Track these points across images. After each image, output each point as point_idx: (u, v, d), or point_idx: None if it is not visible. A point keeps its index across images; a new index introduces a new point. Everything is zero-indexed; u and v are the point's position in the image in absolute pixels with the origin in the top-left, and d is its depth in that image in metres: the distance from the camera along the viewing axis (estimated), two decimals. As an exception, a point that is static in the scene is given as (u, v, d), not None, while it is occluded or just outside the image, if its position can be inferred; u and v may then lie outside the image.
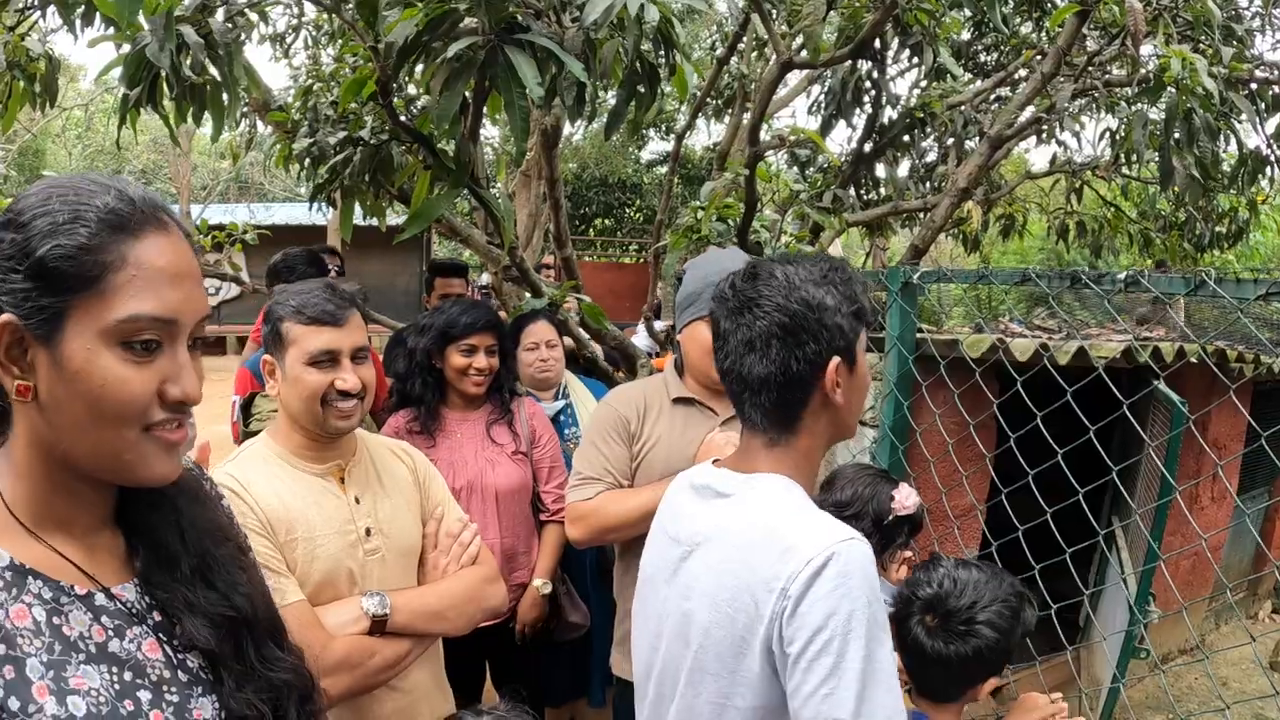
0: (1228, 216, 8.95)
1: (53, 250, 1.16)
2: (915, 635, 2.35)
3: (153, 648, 1.30)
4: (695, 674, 1.76)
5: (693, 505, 1.91)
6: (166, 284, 1.23)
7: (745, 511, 1.76)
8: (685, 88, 3.89)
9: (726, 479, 1.85)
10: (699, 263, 3.14)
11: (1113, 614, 4.81)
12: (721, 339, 1.84)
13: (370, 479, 2.54)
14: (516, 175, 11.14)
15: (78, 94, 25.64)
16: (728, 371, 1.84)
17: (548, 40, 3.31)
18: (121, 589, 1.32)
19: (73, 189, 1.22)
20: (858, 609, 1.55)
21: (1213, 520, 6.80)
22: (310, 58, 8.87)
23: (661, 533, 2.00)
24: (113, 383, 1.19)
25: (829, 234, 6.13)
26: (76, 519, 1.30)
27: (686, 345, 3.03)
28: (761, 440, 1.84)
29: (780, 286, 1.77)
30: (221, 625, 1.37)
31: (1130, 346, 4.74)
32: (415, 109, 4.73)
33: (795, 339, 1.75)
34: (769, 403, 1.80)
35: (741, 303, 1.79)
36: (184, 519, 1.42)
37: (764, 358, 1.76)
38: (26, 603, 1.19)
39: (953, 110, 6.86)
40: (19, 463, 1.26)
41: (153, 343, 1.22)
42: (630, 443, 3.04)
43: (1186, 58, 4.70)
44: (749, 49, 9.13)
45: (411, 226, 4.15)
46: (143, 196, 1.26)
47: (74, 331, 1.18)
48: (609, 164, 21.79)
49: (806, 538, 1.62)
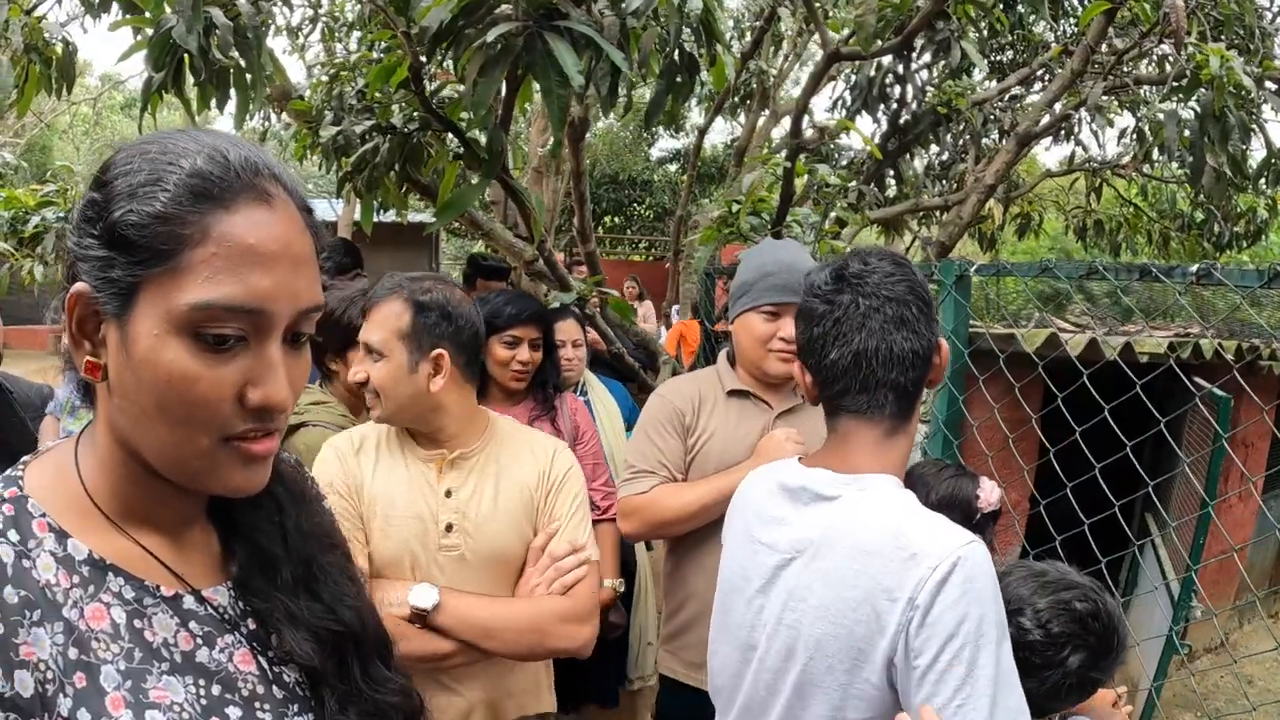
0: (1245, 216, 8.91)
1: (125, 215, 0.99)
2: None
3: (245, 659, 1.15)
4: (803, 688, 1.68)
5: (787, 509, 1.80)
6: (256, 266, 1.02)
7: (858, 516, 1.67)
8: (723, 79, 3.82)
9: (828, 480, 1.74)
10: (752, 254, 3.08)
11: (1149, 611, 4.76)
12: (846, 321, 1.73)
13: (475, 475, 2.46)
14: (528, 171, 11.07)
15: (85, 89, 25.63)
16: (861, 355, 1.71)
17: (587, 27, 3.25)
18: (213, 592, 1.16)
19: (163, 146, 1.04)
20: (987, 614, 1.51)
21: (1239, 519, 6.75)
22: (326, 50, 8.83)
23: (747, 538, 1.89)
24: (179, 379, 1.01)
25: (850, 230, 6.08)
26: (163, 513, 1.14)
27: (739, 336, 2.97)
28: (876, 432, 1.74)
29: (909, 271, 1.76)
30: (326, 640, 1.22)
31: (1172, 342, 4.69)
32: (441, 98, 4.67)
33: (929, 318, 1.75)
34: (909, 380, 1.72)
35: (878, 282, 1.72)
36: (288, 520, 1.26)
37: (914, 331, 1.71)
38: (105, 602, 1.04)
39: (975, 107, 6.82)
40: (100, 448, 1.11)
41: (230, 337, 1.02)
42: (685, 435, 2.98)
43: (1225, 56, 4.65)
44: (767, 45, 9.08)
45: (442, 217, 4.09)
46: (244, 158, 1.05)
47: (143, 312, 1.01)
48: (619, 160, 21.73)
49: (930, 543, 1.56)
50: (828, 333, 1.74)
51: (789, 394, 3.01)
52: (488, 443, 2.50)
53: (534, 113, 9.32)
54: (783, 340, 2.84)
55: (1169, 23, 4.62)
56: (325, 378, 3.25)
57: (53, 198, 6.30)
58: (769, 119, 9.27)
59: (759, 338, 2.87)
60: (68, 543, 1.05)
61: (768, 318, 2.87)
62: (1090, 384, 3.06)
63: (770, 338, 2.86)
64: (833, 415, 1.80)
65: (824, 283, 1.77)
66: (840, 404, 1.77)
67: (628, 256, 23.30)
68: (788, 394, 3.00)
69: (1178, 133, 5.30)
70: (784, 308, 2.84)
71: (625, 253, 23.68)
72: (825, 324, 1.75)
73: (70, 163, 21.41)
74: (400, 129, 4.29)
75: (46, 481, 1.10)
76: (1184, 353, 4.51)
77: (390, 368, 2.36)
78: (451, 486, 2.41)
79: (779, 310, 2.85)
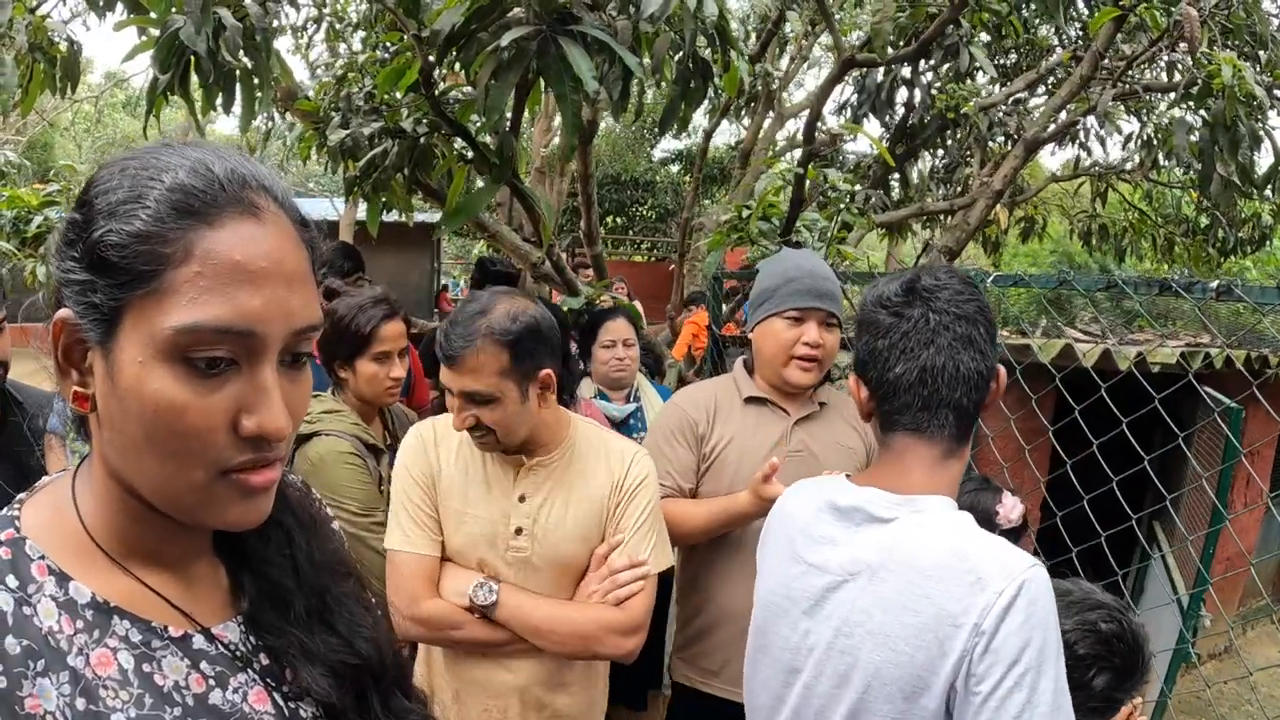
0: (1250, 222, 8.91)
1: (105, 236, 0.92)
2: None
3: (260, 698, 1.09)
4: (859, 714, 1.65)
5: (838, 530, 1.75)
6: (244, 285, 0.95)
7: (917, 539, 1.63)
8: (735, 84, 3.80)
9: (882, 501, 1.70)
10: (773, 261, 3.06)
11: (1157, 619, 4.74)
12: (915, 334, 1.69)
13: (550, 483, 2.49)
14: (531, 171, 11.07)
15: (88, 87, 25.58)
16: (929, 371, 1.67)
17: (602, 32, 3.23)
18: (223, 629, 1.11)
19: (142, 162, 0.97)
20: (1049, 639, 1.49)
21: (1244, 525, 6.75)
22: (330, 50, 8.82)
23: (793, 559, 1.82)
24: (166, 408, 0.94)
25: (855, 234, 6.06)
26: (166, 549, 1.08)
27: (761, 343, 2.95)
28: (934, 453, 1.70)
29: (979, 294, 1.73)
30: (344, 675, 1.16)
31: (1184, 353, 4.68)
32: (449, 101, 4.65)
33: (993, 340, 1.72)
34: (972, 402, 1.70)
35: (950, 299, 1.69)
36: (299, 551, 1.20)
37: (981, 352, 1.68)
38: (111, 647, 0.99)
39: (982, 112, 6.80)
40: (96, 484, 1.05)
41: (221, 361, 0.95)
42: (698, 445, 2.96)
43: (1237, 65, 4.63)
44: (773, 48, 9.07)
45: (452, 221, 4.07)
46: (230, 170, 0.98)
47: (127, 338, 0.94)
48: (621, 161, 21.72)
49: (994, 567, 1.53)
50: (894, 345, 1.71)
51: (806, 401, 2.99)
52: (567, 450, 2.53)
53: (537, 112, 9.30)
54: (806, 345, 2.83)
55: (1182, 31, 4.61)
56: (337, 386, 3.23)
57: (55, 197, 6.27)
58: (774, 121, 9.26)
59: (783, 344, 2.85)
60: (69, 586, 1.00)
61: (791, 323, 2.85)
62: (1102, 395, 3.04)
63: (794, 343, 2.84)
64: (888, 431, 1.76)
65: (894, 294, 1.73)
66: (898, 420, 1.73)
67: (629, 257, 23.28)
68: (805, 401, 2.99)
69: (1187, 140, 5.28)
70: (808, 313, 2.84)
71: (627, 253, 23.66)
72: (892, 336, 1.71)
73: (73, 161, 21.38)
74: (410, 132, 4.27)
75: (44, 520, 1.04)
76: (1197, 364, 4.50)
77: (505, 407, 2.35)
78: (526, 492, 2.46)
79: (803, 315, 2.84)
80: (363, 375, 3.12)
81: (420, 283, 19.89)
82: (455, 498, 2.44)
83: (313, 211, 6.53)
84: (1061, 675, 1.51)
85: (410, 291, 18.95)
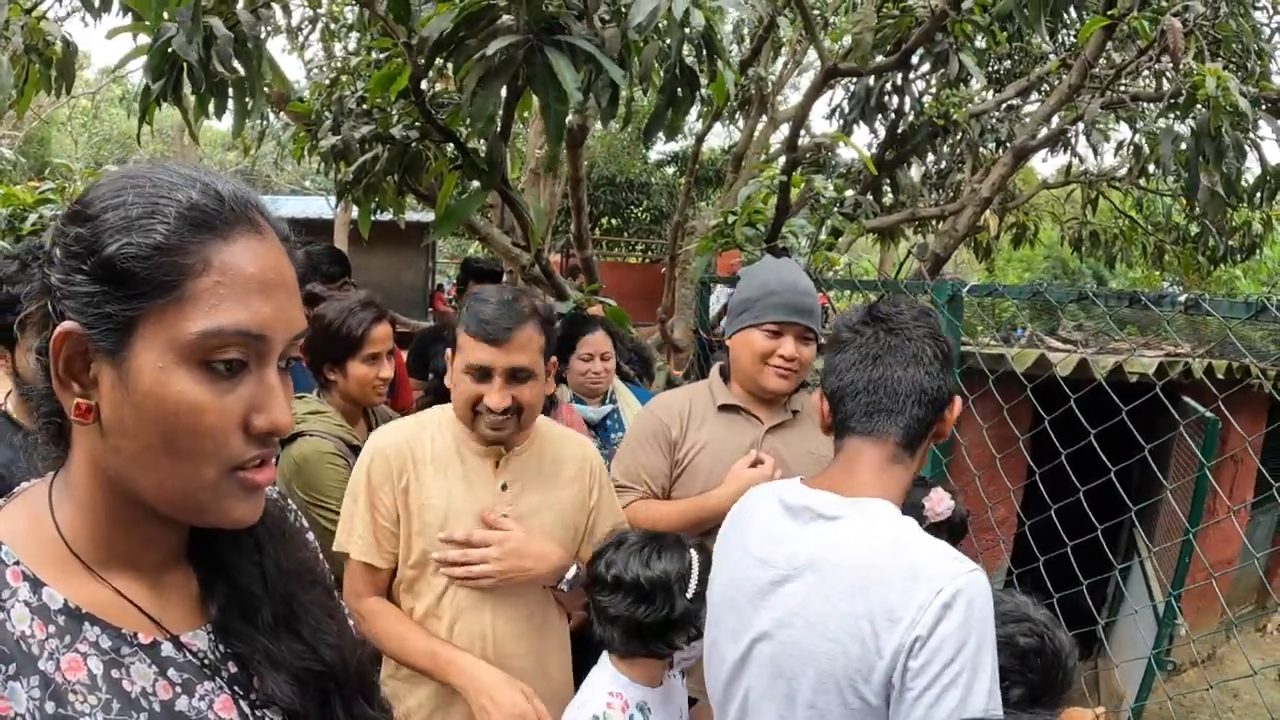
0: (1240, 231, 8.94)
1: (124, 249, 0.98)
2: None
3: (226, 706, 1.13)
4: (790, 703, 1.72)
5: (787, 526, 1.84)
6: (257, 293, 1.03)
7: (859, 537, 1.71)
8: (723, 93, 3.83)
9: (829, 501, 1.78)
10: (754, 271, 3.10)
11: (1134, 628, 4.78)
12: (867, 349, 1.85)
13: (529, 470, 2.59)
14: (526, 173, 11.08)
15: (85, 83, 25.51)
16: (878, 381, 1.82)
17: (588, 42, 3.27)
18: (192, 636, 1.14)
19: (150, 180, 1.03)
20: (985, 641, 1.55)
21: (1227, 534, 6.78)
22: (325, 51, 8.84)
23: (744, 553, 1.91)
24: (187, 409, 1.00)
25: (846, 239, 6.10)
26: (144, 556, 1.13)
27: (738, 351, 2.99)
28: (882, 455, 1.81)
29: (933, 323, 1.90)
30: (308, 681, 1.19)
31: (1163, 362, 4.72)
32: (440, 106, 4.68)
33: (946, 368, 1.84)
34: (916, 415, 1.80)
35: (904, 322, 1.86)
36: (267, 559, 1.23)
37: (927, 372, 1.80)
38: (82, 652, 1.02)
39: (972, 119, 6.84)
40: (78, 491, 1.08)
41: (237, 363, 1.02)
42: (670, 451, 3.01)
43: (1220, 77, 4.67)
44: (766, 52, 9.09)
45: (442, 227, 4.11)
46: (234, 193, 1.06)
47: (145, 345, 0.99)
48: (617, 163, 21.70)
49: (932, 568, 1.60)
50: (848, 357, 1.86)
51: (780, 410, 3.03)
52: (535, 439, 2.63)
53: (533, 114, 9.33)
54: (782, 358, 2.87)
55: (1166, 41, 4.65)
56: (323, 387, 3.28)
57: (50, 194, 6.29)
58: (767, 125, 9.29)
59: (759, 353, 2.89)
60: (43, 592, 1.03)
61: (769, 335, 2.89)
62: (1082, 403, 3.08)
63: (770, 354, 2.89)
64: (841, 437, 1.87)
65: (856, 317, 1.91)
66: (849, 425, 1.84)
67: (624, 259, 23.27)
68: (779, 410, 3.03)
69: (1173, 150, 5.32)
70: (786, 326, 2.88)
71: (621, 255, 23.65)
72: (848, 351, 1.87)
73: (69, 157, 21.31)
74: (400, 138, 4.30)
75: (19, 527, 1.08)
76: (1174, 373, 4.53)
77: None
78: (507, 480, 2.55)
79: (781, 329, 2.88)
80: (353, 376, 3.19)
81: (415, 282, 19.83)
82: (440, 498, 2.48)
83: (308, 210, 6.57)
84: (995, 677, 1.57)
85: (404, 291, 18.90)
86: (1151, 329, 7.42)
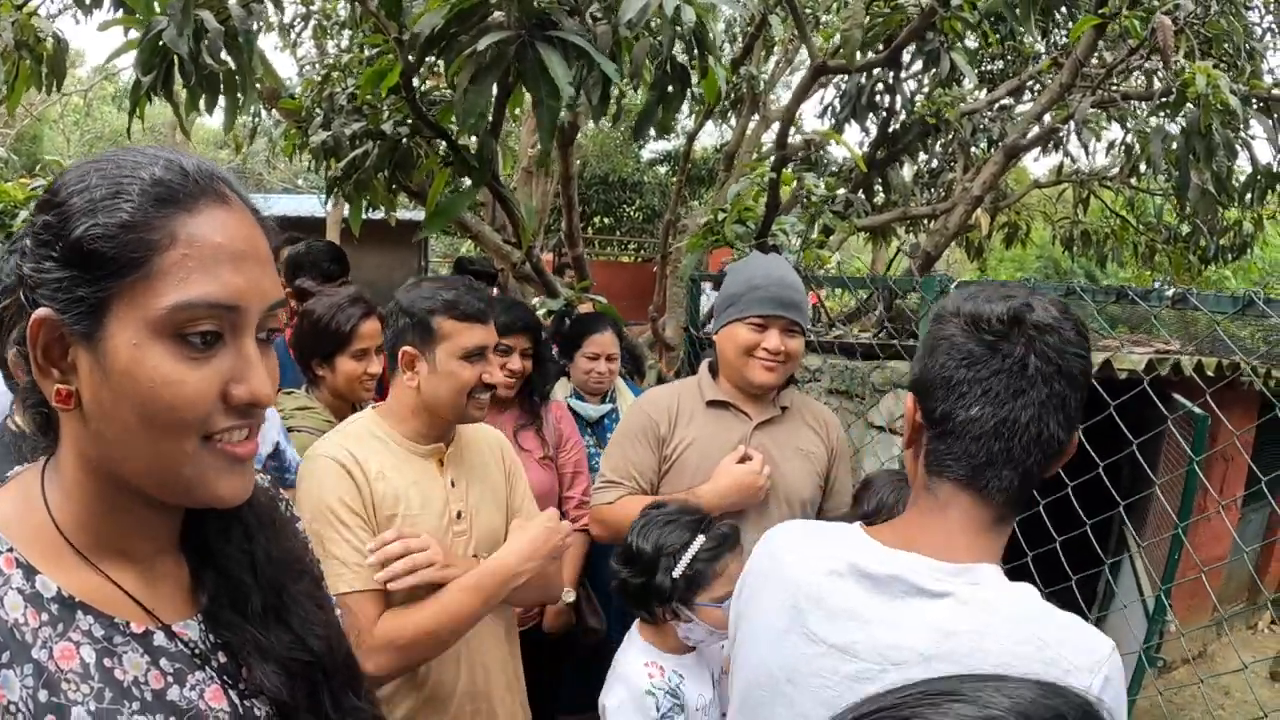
0: (1232, 230, 8.95)
1: (90, 230, 0.98)
2: None
3: (216, 696, 1.12)
4: None
5: (867, 603, 1.44)
6: (226, 264, 1.03)
7: (981, 622, 1.35)
8: (714, 91, 3.83)
9: (927, 570, 1.41)
10: (740, 266, 3.10)
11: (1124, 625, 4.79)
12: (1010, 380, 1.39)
13: (464, 465, 2.60)
14: (518, 171, 11.08)
15: (77, 81, 25.46)
16: (1010, 424, 1.39)
17: (580, 38, 3.26)
18: (183, 626, 1.14)
19: (115, 162, 1.04)
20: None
21: (1217, 532, 6.79)
22: (317, 47, 8.84)
23: (803, 635, 1.49)
24: (163, 383, 1.00)
25: (837, 237, 6.10)
26: (136, 544, 1.12)
27: (724, 346, 2.99)
28: (987, 516, 1.44)
29: (1087, 339, 1.43)
30: (296, 672, 1.20)
31: (1152, 359, 4.73)
32: (433, 101, 4.67)
33: (1081, 404, 1.43)
34: (1042, 470, 1.43)
35: (1061, 342, 1.39)
36: (257, 548, 1.23)
37: (1068, 419, 1.41)
38: (74, 641, 1.02)
39: (964, 117, 6.85)
40: (67, 479, 1.08)
41: (211, 335, 1.02)
42: (659, 447, 3.01)
43: (1211, 75, 4.68)
44: (758, 51, 9.09)
45: (432, 224, 4.10)
46: (197, 166, 1.06)
47: (118, 325, 0.99)
48: (609, 162, 21.72)
49: (1079, 656, 1.31)
50: (978, 381, 1.40)
51: (768, 405, 3.03)
52: (457, 434, 2.63)
53: (525, 113, 9.34)
54: (767, 351, 2.87)
55: (1157, 40, 4.66)
56: (312, 383, 3.28)
57: (41, 192, 6.29)
58: (759, 124, 9.29)
59: (743, 346, 2.89)
60: (36, 579, 1.03)
61: (754, 329, 2.89)
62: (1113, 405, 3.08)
63: (755, 347, 2.89)
64: (935, 475, 1.47)
65: (995, 319, 1.41)
66: (952, 467, 1.44)
67: (616, 258, 23.25)
68: (767, 405, 3.03)
69: (1164, 148, 5.33)
70: (771, 320, 2.88)
71: (614, 254, 23.64)
72: (978, 370, 1.40)
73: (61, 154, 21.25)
74: (390, 134, 4.29)
75: (12, 513, 1.08)
76: (1163, 369, 4.54)
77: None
78: (453, 477, 2.54)
79: (766, 323, 2.88)
80: (341, 372, 3.19)
81: (406, 280, 19.76)
82: (400, 505, 2.42)
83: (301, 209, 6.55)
84: None
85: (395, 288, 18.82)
86: (1142, 327, 7.44)
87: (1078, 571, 3.25)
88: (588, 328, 4.25)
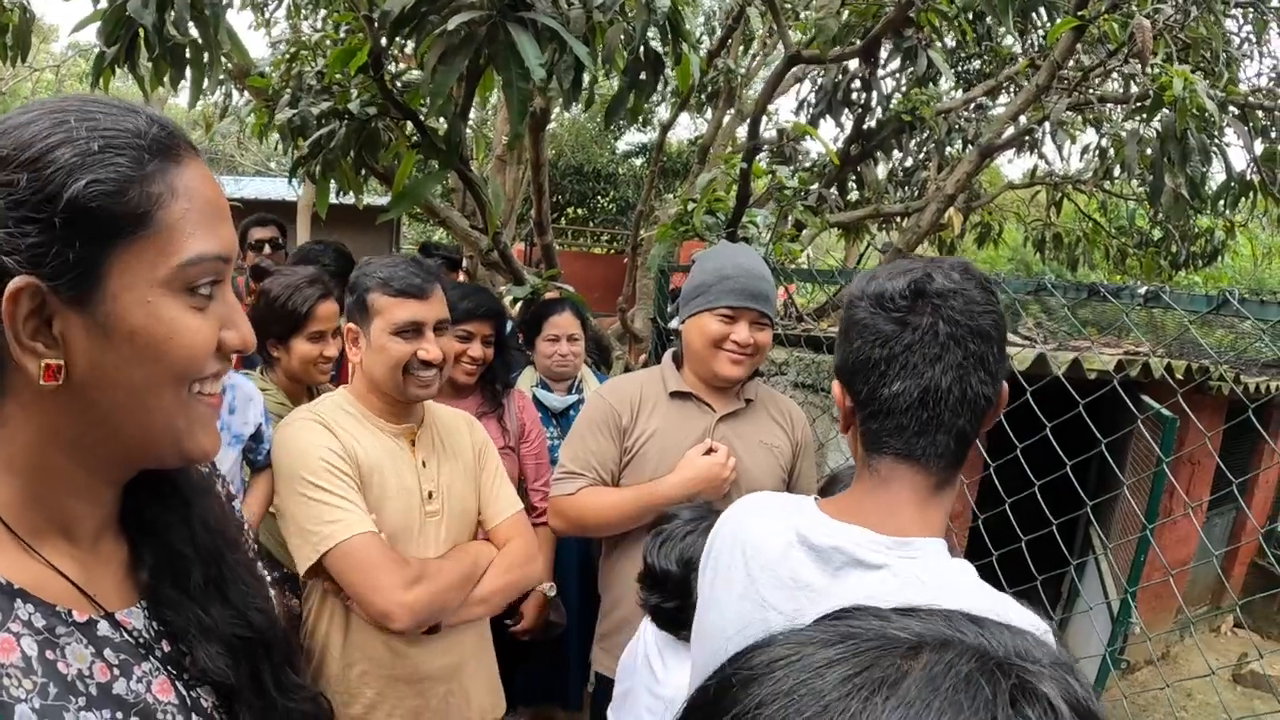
0: (1203, 237, 8.99)
1: (89, 187, 0.91)
2: None
3: (164, 687, 1.06)
4: None
5: (814, 574, 1.46)
6: (217, 215, 1.03)
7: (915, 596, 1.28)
8: (688, 78, 3.78)
9: (866, 542, 1.43)
10: (709, 255, 3.05)
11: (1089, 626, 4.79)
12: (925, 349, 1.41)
13: (435, 445, 2.61)
14: (491, 159, 11.00)
15: (50, 56, 25.20)
16: (931, 391, 1.41)
17: (552, 20, 3.20)
18: (127, 614, 1.07)
19: (83, 113, 0.96)
20: None
21: (1183, 535, 6.83)
22: (291, 27, 8.72)
23: (756, 601, 1.53)
24: (180, 337, 0.99)
25: (809, 233, 6.07)
26: (80, 524, 1.06)
27: (690, 336, 2.94)
28: (926, 483, 1.46)
29: (994, 296, 1.46)
30: (238, 650, 1.14)
31: (1121, 360, 4.73)
32: (401, 84, 4.60)
33: (1001, 356, 1.46)
34: (973, 428, 1.45)
35: (965, 305, 1.41)
36: (194, 516, 1.18)
37: (990, 374, 1.43)
38: (15, 632, 0.94)
39: (940, 116, 6.83)
40: (15, 458, 1.00)
41: (212, 284, 1.02)
42: (620, 438, 2.96)
43: (1188, 79, 4.67)
44: (734, 43, 9.07)
45: (398, 206, 4.04)
46: (165, 119, 1.02)
47: (121, 284, 0.94)
48: (584, 152, 21.62)
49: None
50: (894, 358, 1.43)
51: (733, 398, 2.99)
52: (429, 415, 2.66)
53: (499, 100, 9.28)
54: (736, 343, 2.83)
55: (1135, 42, 4.64)
56: (267, 364, 3.22)
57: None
58: (735, 118, 9.27)
59: (711, 338, 2.85)
60: None
61: (723, 320, 2.84)
62: (1039, 400, 3.06)
63: (723, 339, 2.84)
64: (874, 452, 1.49)
65: (898, 295, 1.43)
66: (888, 443, 1.47)
67: (589, 249, 23.17)
68: (732, 398, 2.99)
69: (1139, 152, 5.32)
70: (740, 311, 2.83)
71: (587, 245, 23.56)
72: (892, 347, 1.43)
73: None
74: (358, 115, 4.22)
75: None
76: (1133, 371, 4.52)
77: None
78: (425, 457, 2.56)
79: (735, 315, 2.83)
80: (297, 354, 3.13)
81: (377, 268, 19.67)
82: (374, 477, 2.44)
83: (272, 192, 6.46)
84: None
85: (367, 276, 18.74)
86: (1112, 329, 7.46)
87: (1042, 572, 3.23)
88: (546, 310, 4.21)
